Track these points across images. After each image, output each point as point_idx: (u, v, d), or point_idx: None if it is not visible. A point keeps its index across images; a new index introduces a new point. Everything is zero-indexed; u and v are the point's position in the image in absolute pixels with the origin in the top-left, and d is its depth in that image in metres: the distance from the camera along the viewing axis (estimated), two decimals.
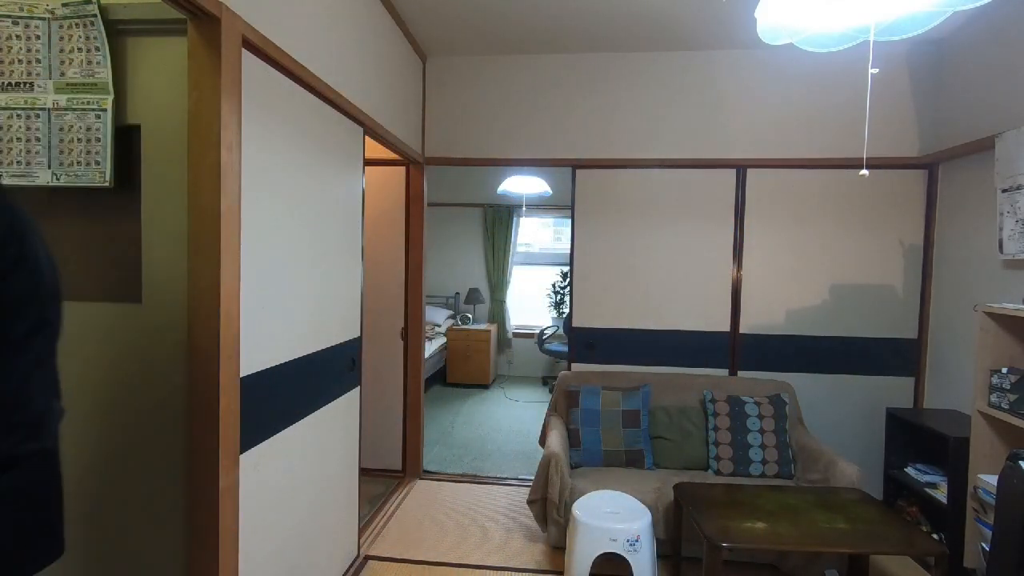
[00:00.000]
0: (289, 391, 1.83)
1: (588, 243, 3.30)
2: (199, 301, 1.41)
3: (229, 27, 1.40)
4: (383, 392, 3.50)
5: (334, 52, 2.08)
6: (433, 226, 6.54)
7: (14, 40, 1.49)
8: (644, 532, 2.18)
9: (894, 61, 3.02)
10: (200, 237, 1.41)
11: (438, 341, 5.77)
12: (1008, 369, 2.03)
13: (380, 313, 3.47)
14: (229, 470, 1.47)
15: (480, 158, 3.35)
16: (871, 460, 3.12)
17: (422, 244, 3.45)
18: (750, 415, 2.78)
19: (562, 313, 6.35)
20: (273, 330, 1.72)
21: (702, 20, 2.78)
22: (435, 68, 3.37)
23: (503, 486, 3.39)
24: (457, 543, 2.69)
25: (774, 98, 3.10)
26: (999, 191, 2.43)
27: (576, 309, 3.32)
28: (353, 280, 2.39)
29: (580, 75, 3.25)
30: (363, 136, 2.45)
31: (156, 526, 1.55)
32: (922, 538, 1.90)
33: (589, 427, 2.83)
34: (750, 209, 3.17)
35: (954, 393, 2.84)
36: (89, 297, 1.57)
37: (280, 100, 1.74)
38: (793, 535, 1.90)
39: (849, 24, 1.38)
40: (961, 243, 2.82)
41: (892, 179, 3.08)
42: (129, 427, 1.55)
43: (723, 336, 3.21)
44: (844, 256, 3.12)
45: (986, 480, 2.02)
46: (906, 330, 3.10)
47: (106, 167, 1.49)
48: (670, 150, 3.19)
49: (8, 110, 1.50)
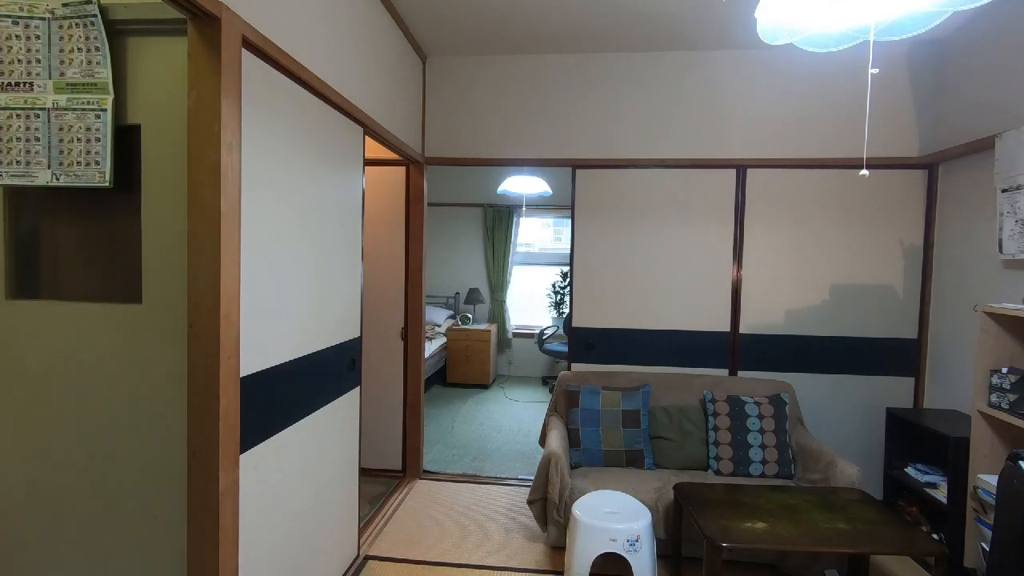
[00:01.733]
0: (289, 391, 1.83)
1: (588, 243, 3.30)
2: (199, 301, 1.41)
3: (229, 27, 1.40)
4: (383, 392, 3.50)
5: (334, 52, 2.08)
6: (433, 226, 6.55)
7: (14, 40, 1.49)
8: (644, 532, 2.18)
9: (894, 61, 3.02)
10: (200, 237, 1.41)
11: (438, 341, 5.77)
12: (1008, 369, 2.03)
13: (380, 313, 3.47)
14: (229, 470, 1.47)
15: (480, 158, 3.35)
16: (871, 460, 3.13)
17: (422, 244, 3.45)
18: (750, 415, 2.78)
19: (562, 313, 6.35)
20: (273, 330, 1.72)
21: (702, 20, 2.78)
22: (435, 68, 3.37)
23: (503, 486, 3.39)
24: (457, 543, 2.69)
25: (774, 98, 3.10)
26: (999, 191, 2.43)
27: (576, 309, 3.33)
28: (353, 280, 2.39)
29: (580, 75, 3.25)
30: (363, 136, 2.45)
31: (156, 526, 1.56)
32: (922, 538, 1.90)
33: (589, 427, 2.83)
34: (750, 209, 3.17)
35: (954, 393, 2.84)
36: (89, 297, 1.58)
37: (280, 100, 1.74)
38: (793, 535, 1.90)
39: (849, 24, 1.38)
40: (961, 243, 2.82)
41: (892, 179, 3.08)
42: (129, 427, 1.55)
43: (723, 336, 3.21)
44: (844, 256, 3.12)
45: (986, 480, 2.02)
46: (906, 330, 3.10)
47: (106, 167, 1.49)
48: (670, 150, 3.19)
49: (8, 110, 1.50)
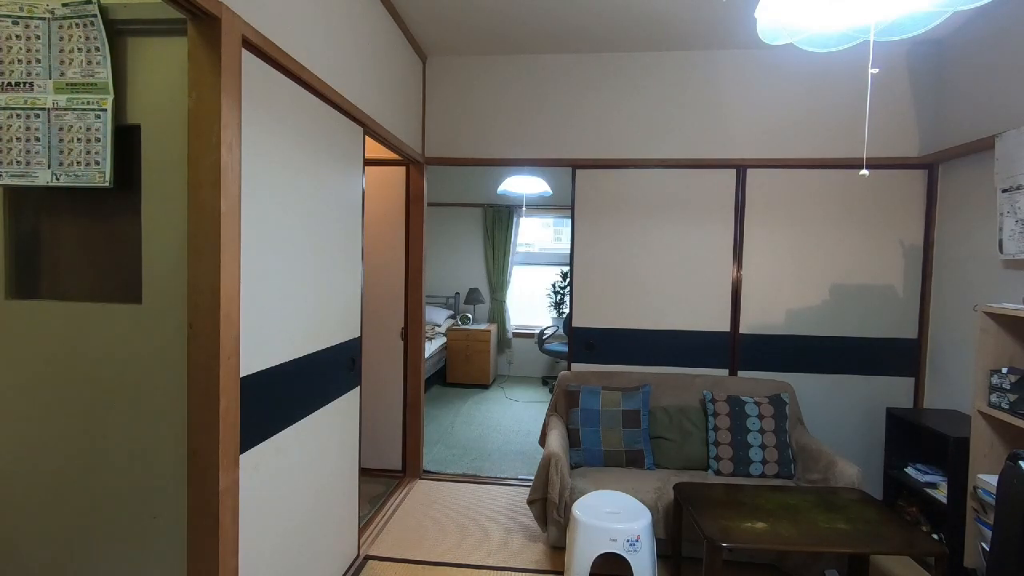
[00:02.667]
0: (289, 391, 1.83)
1: (588, 243, 3.30)
2: (199, 301, 1.41)
3: (229, 27, 1.40)
4: (383, 392, 3.50)
5: (334, 52, 2.08)
6: (433, 226, 6.55)
7: (14, 40, 1.49)
8: (644, 532, 2.18)
9: (894, 61, 3.02)
10: (200, 237, 1.41)
11: (438, 341, 5.77)
12: (1008, 369, 2.03)
13: (380, 313, 3.47)
14: (229, 470, 1.47)
15: (480, 158, 3.35)
16: (871, 460, 3.13)
17: (422, 244, 3.45)
18: (750, 415, 2.78)
19: (562, 313, 6.35)
20: (273, 330, 1.72)
21: (702, 20, 2.78)
22: (435, 68, 3.37)
23: (503, 486, 3.39)
24: (457, 543, 2.69)
25: (774, 98, 3.10)
26: (999, 191, 2.43)
27: (576, 309, 3.33)
28: (353, 280, 2.39)
29: (580, 75, 3.25)
30: (363, 136, 2.45)
31: (156, 526, 1.56)
32: (922, 538, 1.90)
33: (589, 427, 2.83)
34: (750, 209, 3.17)
35: (954, 393, 2.84)
36: (89, 297, 1.58)
37: (280, 100, 1.74)
38: (793, 535, 1.90)
39: (849, 24, 1.38)
40: (961, 243, 2.82)
41: (892, 179, 3.08)
42: (129, 427, 1.55)
43: (723, 336, 3.21)
44: (844, 256, 3.12)
45: (986, 480, 2.02)
46: (906, 330, 3.10)
47: (106, 167, 1.49)
48: (670, 150, 3.19)
49: (8, 110, 1.50)
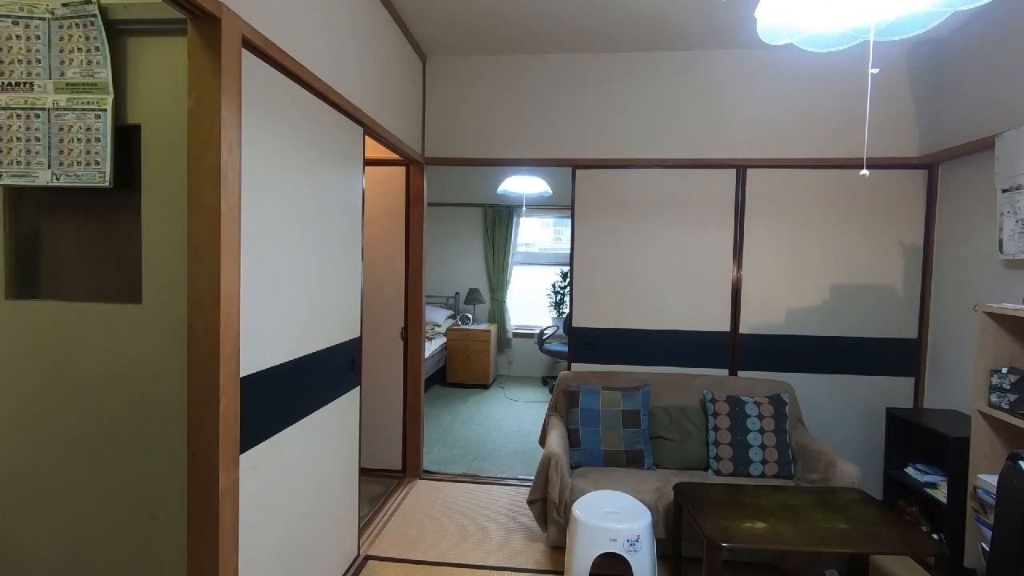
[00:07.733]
0: (289, 391, 1.83)
1: (588, 243, 3.30)
2: (199, 301, 1.41)
3: (229, 27, 1.40)
4: (383, 392, 3.50)
5: (334, 52, 2.08)
6: (433, 226, 6.55)
7: (14, 40, 1.49)
8: (644, 532, 2.18)
9: (894, 61, 3.02)
10: (200, 237, 1.41)
11: (438, 341, 5.77)
12: (1008, 369, 2.03)
13: (380, 313, 3.47)
14: (229, 470, 1.47)
15: (480, 158, 3.35)
16: (871, 460, 3.13)
17: (422, 244, 3.45)
18: (750, 415, 2.78)
19: (562, 313, 6.35)
20: (273, 330, 1.72)
21: (702, 20, 2.78)
22: (435, 68, 3.37)
23: (503, 486, 3.39)
24: (457, 543, 2.69)
25: (774, 98, 3.10)
26: (999, 191, 2.43)
27: (576, 309, 3.32)
28: (353, 280, 2.39)
29: (580, 75, 3.25)
30: (363, 136, 2.45)
31: (156, 526, 1.56)
32: (922, 538, 1.90)
33: (589, 427, 2.83)
34: (750, 209, 3.17)
35: (954, 393, 2.84)
36: (89, 297, 1.58)
37: (280, 100, 1.74)
38: (793, 535, 1.90)
39: (849, 24, 1.38)
40: (961, 243, 2.82)
41: (892, 179, 3.08)
42: (129, 427, 1.55)
43: (723, 336, 3.21)
44: (844, 256, 3.12)
45: (986, 480, 2.02)
46: (906, 330, 3.10)
47: (106, 167, 1.49)
48: (670, 150, 3.19)
49: (8, 110, 1.50)
